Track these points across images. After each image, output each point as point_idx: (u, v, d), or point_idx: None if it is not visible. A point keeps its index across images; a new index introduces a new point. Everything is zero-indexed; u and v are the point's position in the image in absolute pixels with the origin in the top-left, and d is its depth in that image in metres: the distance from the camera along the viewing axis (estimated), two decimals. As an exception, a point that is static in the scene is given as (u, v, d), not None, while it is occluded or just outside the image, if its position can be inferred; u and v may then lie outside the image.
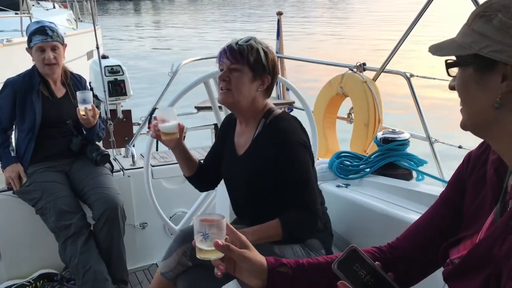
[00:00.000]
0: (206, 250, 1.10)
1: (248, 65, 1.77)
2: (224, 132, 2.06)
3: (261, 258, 1.12)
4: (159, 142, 3.95)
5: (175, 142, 1.92)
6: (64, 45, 2.77)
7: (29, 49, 2.71)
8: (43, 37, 2.64)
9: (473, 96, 0.90)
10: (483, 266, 0.89)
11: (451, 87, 0.96)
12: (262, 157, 1.81)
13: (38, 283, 2.76)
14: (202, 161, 2.14)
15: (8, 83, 2.73)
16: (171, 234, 3.07)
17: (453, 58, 0.92)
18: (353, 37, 22.78)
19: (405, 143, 2.29)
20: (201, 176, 2.09)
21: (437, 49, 0.93)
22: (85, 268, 2.52)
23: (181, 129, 1.90)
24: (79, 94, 2.60)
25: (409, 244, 1.16)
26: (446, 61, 0.93)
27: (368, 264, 1.00)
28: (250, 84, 1.80)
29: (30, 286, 2.74)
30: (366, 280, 0.99)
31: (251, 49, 1.78)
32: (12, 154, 2.73)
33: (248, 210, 1.95)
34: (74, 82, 2.88)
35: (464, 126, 0.95)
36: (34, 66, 2.76)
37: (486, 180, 1.00)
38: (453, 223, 1.08)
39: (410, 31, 3.15)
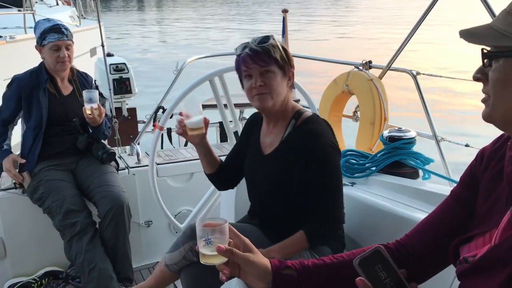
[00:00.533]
0: (209, 255, 1.10)
1: (277, 64, 1.74)
2: (248, 130, 2.03)
3: (265, 261, 1.11)
4: (164, 139, 3.98)
5: (200, 137, 1.87)
6: (73, 43, 2.77)
7: (39, 46, 2.69)
8: (59, 36, 2.64)
9: None
10: (503, 266, 0.87)
11: (476, 78, 0.92)
12: (289, 159, 1.77)
13: (43, 280, 2.77)
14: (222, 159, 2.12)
15: (15, 79, 2.73)
16: (176, 232, 3.07)
17: (487, 48, 0.87)
18: (359, 34, 22.71)
19: (411, 141, 2.28)
20: (222, 174, 2.06)
21: (470, 36, 0.87)
22: (90, 266, 2.52)
23: (206, 123, 1.84)
24: (85, 93, 2.60)
25: (418, 241, 1.14)
26: (483, 50, 0.88)
27: (391, 267, 0.99)
28: (282, 82, 1.77)
29: (36, 284, 2.75)
30: (385, 283, 0.97)
31: (274, 47, 1.74)
32: (5, 147, 2.72)
33: (265, 210, 1.93)
34: (81, 80, 2.88)
35: (490, 118, 0.90)
36: (41, 64, 2.76)
37: (502, 177, 0.97)
38: (464, 220, 1.07)
39: (417, 29, 3.13)
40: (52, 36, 2.64)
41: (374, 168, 2.29)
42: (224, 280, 1.09)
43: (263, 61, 1.72)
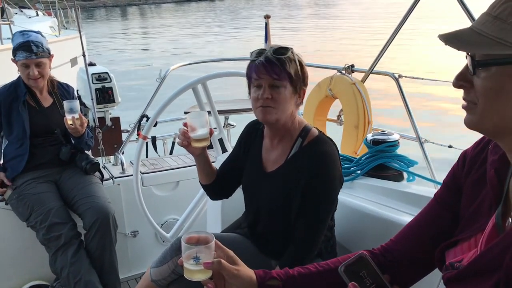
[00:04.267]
0: (194, 270, 1.09)
1: (289, 78, 1.66)
2: (247, 140, 1.95)
3: (250, 273, 1.11)
4: (148, 148, 3.95)
5: (202, 149, 1.81)
6: (51, 56, 2.73)
7: (14, 60, 2.67)
8: (27, 54, 2.60)
9: (507, 99, 0.82)
10: (492, 272, 0.86)
11: (458, 86, 0.89)
12: (295, 180, 1.71)
13: (28, 295, 2.73)
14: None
15: None
16: (163, 242, 3.04)
17: (467, 54, 0.84)
18: (340, 38, 22.90)
19: (395, 144, 2.29)
20: (218, 185, 1.98)
21: (458, 43, 0.83)
22: (76, 278, 2.49)
23: (211, 134, 1.76)
24: (66, 104, 2.58)
25: (403, 245, 1.14)
26: (473, 58, 0.84)
27: (376, 273, 1.00)
28: (291, 99, 1.70)
29: (21, 299, 2.70)
30: None
31: (290, 61, 1.66)
32: None
33: (262, 224, 1.88)
34: (61, 91, 2.85)
35: (477, 127, 0.88)
36: (19, 77, 2.73)
37: (486, 181, 0.97)
38: (448, 223, 1.07)
39: (398, 32, 3.16)
40: (21, 54, 2.61)
41: (359, 172, 2.30)
42: None
43: (275, 74, 1.64)
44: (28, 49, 2.60)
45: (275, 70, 1.64)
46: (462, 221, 1.03)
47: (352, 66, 3.41)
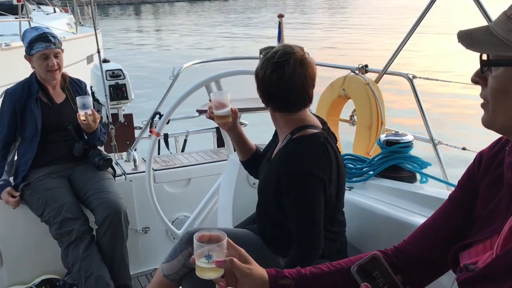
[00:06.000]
0: (206, 268, 1.08)
1: None
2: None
3: (262, 272, 1.10)
4: (161, 146, 3.97)
5: (229, 125, 1.93)
6: (63, 50, 2.76)
7: (28, 56, 2.69)
8: (46, 44, 2.63)
9: None
10: (507, 277, 0.85)
11: (475, 81, 0.90)
12: (272, 174, 1.77)
13: (40, 288, 2.75)
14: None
15: (8, 94, 2.72)
16: (174, 239, 3.05)
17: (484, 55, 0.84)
18: (355, 39, 22.79)
19: (408, 145, 2.27)
20: (255, 161, 2.03)
21: (470, 42, 0.84)
22: (87, 273, 2.51)
23: (234, 113, 1.90)
24: (78, 99, 2.60)
25: (416, 246, 1.13)
26: (481, 57, 0.85)
27: (388, 273, 0.99)
28: None
29: (33, 292, 2.73)
30: None
31: None
32: (1, 182, 2.70)
33: (265, 221, 1.91)
34: (74, 86, 2.87)
35: (490, 124, 0.89)
36: (32, 74, 2.75)
37: (502, 183, 0.95)
38: (462, 225, 1.06)
39: (413, 33, 3.14)
40: (40, 45, 2.63)
41: (371, 172, 2.29)
42: None
43: None
44: (47, 40, 2.63)
45: None
46: (478, 222, 1.02)
47: (366, 66, 3.40)
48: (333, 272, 1.13)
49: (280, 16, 4.69)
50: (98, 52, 3.45)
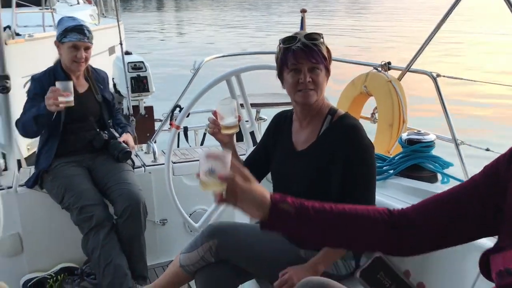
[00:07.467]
0: (209, 182, 1.13)
1: (324, 62, 1.77)
2: (275, 131, 2.02)
3: (264, 192, 1.12)
4: (180, 138, 3.99)
5: (230, 137, 1.93)
6: (92, 45, 2.78)
7: (58, 43, 2.70)
8: (80, 36, 2.65)
9: None
10: None
11: None
12: (330, 153, 1.79)
13: (59, 276, 2.79)
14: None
15: (35, 78, 2.73)
16: (191, 231, 3.07)
17: None
18: (377, 36, 22.55)
19: (430, 144, 2.24)
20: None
21: None
22: (106, 261, 2.53)
23: (239, 121, 1.90)
24: (58, 84, 2.44)
25: (421, 215, 1.12)
26: None
27: (393, 272, 0.98)
28: (325, 80, 1.81)
29: (51, 280, 2.77)
30: None
31: (322, 45, 1.77)
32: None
33: None
34: (96, 77, 2.89)
35: None
36: (58, 62, 2.77)
37: None
38: (473, 212, 1.04)
39: (438, 30, 3.08)
40: (74, 35, 2.65)
41: (392, 171, 2.26)
42: (219, 204, 1.14)
43: (314, 58, 1.74)
44: (82, 32, 2.66)
45: (313, 55, 1.73)
46: (507, 223, 0.98)
47: (389, 63, 3.35)
48: (334, 213, 1.12)
49: (303, 11, 4.66)
50: (121, 44, 3.48)
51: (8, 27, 5.79)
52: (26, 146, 4.73)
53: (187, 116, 2.77)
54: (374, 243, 1.11)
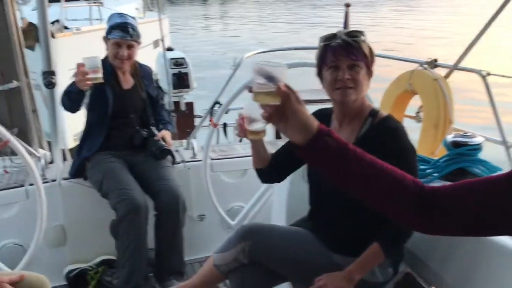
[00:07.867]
0: (264, 92, 1.07)
1: (365, 59, 1.71)
2: None
3: (312, 119, 1.08)
4: (220, 135, 4.00)
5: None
6: (139, 43, 2.79)
7: (106, 39, 2.75)
8: (122, 34, 2.67)
9: None
10: None
11: None
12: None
13: (99, 268, 2.85)
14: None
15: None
16: (227, 228, 3.07)
17: None
18: (425, 31, 21.92)
19: (477, 147, 2.13)
20: (271, 170, 1.98)
21: None
22: (130, 247, 2.52)
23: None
24: (85, 60, 2.43)
25: (449, 197, 1.05)
26: None
27: None
28: (365, 79, 1.75)
29: (92, 271, 2.84)
30: None
31: (364, 43, 1.71)
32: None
33: (322, 213, 1.88)
34: (142, 73, 2.92)
35: None
36: (106, 57, 2.81)
37: None
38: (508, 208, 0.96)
39: (488, 27, 2.94)
40: (117, 33, 2.68)
41: (436, 175, 2.16)
42: (267, 120, 1.09)
43: (354, 55, 1.69)
44: (125, 30, 2.68)
45: (353, 52, 1.68)
46: None
47: (435, 60, 3.24)
48: (371, 167, 1.07)
49: (347, 5, 4.55)
50: (162, 40, 3.50)
51: (57, 21, 5.98)
52: (73, 136, 4.87)
53: (226, 113, 2.77)
54: (398, 209, 1.07)
